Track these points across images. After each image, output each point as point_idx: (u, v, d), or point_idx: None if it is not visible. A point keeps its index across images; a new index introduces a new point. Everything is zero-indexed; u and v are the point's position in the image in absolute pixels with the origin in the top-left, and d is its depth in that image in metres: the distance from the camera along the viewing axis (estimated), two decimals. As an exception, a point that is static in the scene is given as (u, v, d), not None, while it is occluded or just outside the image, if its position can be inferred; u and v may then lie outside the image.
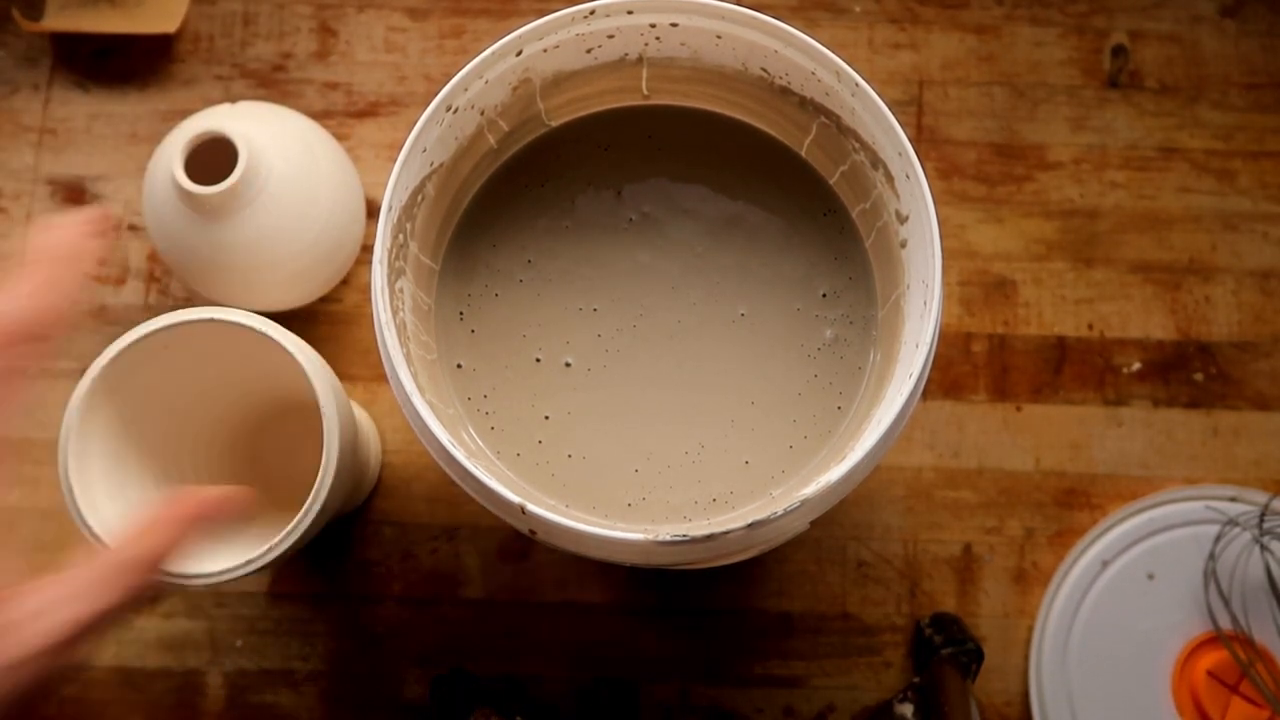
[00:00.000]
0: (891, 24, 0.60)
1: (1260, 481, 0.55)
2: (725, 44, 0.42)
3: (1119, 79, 0.60)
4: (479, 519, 0.54)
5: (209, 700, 0.53)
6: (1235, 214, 0.58)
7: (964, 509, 0.55)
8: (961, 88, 0.59)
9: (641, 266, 0.44)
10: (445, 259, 0.45)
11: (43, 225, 0.31)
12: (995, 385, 0.56)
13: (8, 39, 0.60)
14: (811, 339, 0.44)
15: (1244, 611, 0.52)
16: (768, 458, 0.43)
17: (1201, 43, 0.60)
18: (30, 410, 0.54)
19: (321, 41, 0.60)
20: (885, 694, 0.53)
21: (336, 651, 0.53)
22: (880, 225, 0.43)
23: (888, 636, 0.53)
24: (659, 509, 0.43)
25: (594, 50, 0.43)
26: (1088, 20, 0.60)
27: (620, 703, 0.52)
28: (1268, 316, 0.57)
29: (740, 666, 0.53)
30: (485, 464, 0.42)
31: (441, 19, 0.60)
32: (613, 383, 0.43)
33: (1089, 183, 0.58)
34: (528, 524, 0.37)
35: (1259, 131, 0.59)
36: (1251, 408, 0.56)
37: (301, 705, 0.53)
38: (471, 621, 0.53)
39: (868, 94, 0.40)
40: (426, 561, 0.54)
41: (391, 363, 0.38)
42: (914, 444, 0.55)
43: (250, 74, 0.60)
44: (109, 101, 0.60)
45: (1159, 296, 0.57)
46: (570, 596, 0.54)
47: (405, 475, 0.55)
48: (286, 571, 0.54)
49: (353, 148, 0.58)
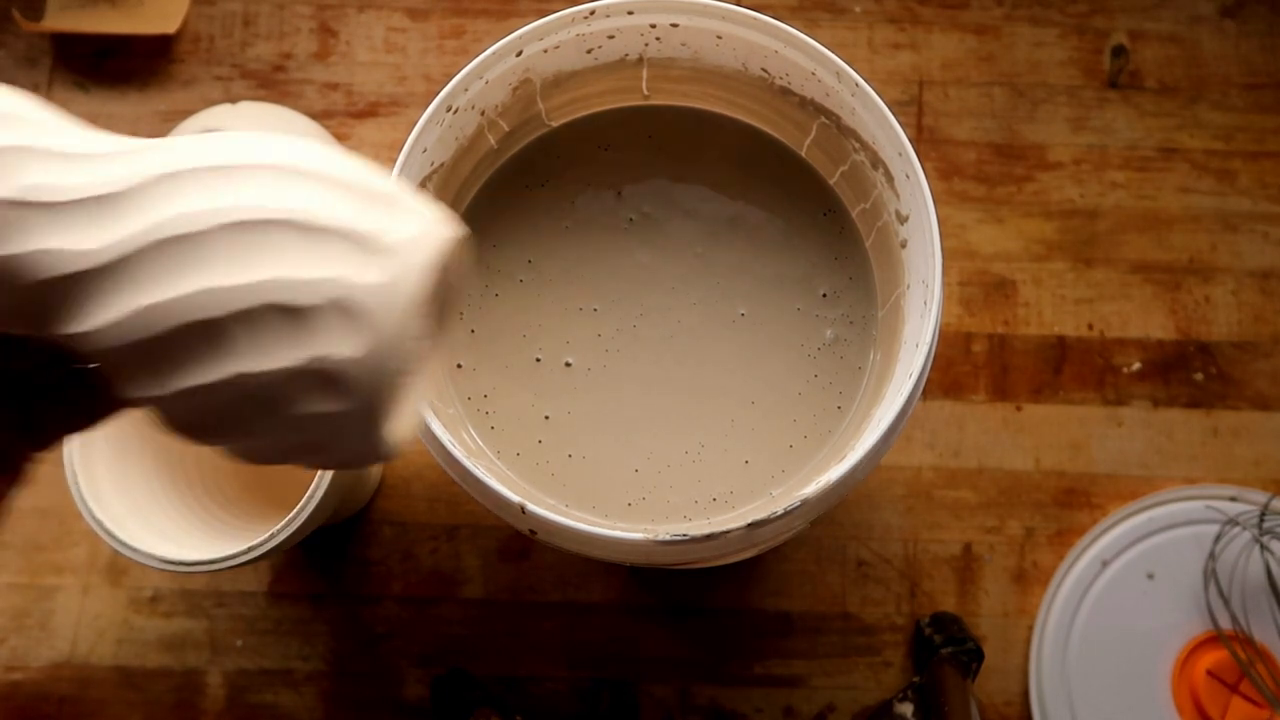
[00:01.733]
0: (891, 24, 0.60)
1: (1260, 481, 0.55)
2: (725, 44, 0.42)
3: (1119, 79, 0.60)
4: (479, 519, 0.54)
5: (209, 700, 0.53)
6: (1235, 214, 0.58)
7: (964, 509, 0.55)
8: (961, 88, 0.59)
9: (641, 266, 0.44)
10: (445, 259, 0.45)
11: None
12: (995, 385, 0.56)
13: (8, 39, 0.60)
14: (811, 339, 0.44)
15: (1244, 611, 0.52)
16: (768, 457, 0.43)
17: (1201, 43, 0.60)
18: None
19: (321, 42, 0.60)
20: (885, 694, 0.53)
21: (336, 651, 0.53)
22: (880, 225, 0.43)
23: (888, 636, 0.53)
24: (659, 509, 0.43)
25: (594, 50, 0.43)
26: (1088, 20, 0.60)
27: (620, 703, 0.52)
28: (1268, 316, 0.57)
29: (740, 666, 0.53)
30: (485, 464, 0.42)
31: (441, 19, 0.60)
32: (613, 383, 0.43)
33: (1089, 183, 0.58)
34: (528, 524, 0.37)
35: (1259, 131, 0.59)
36: (1251, 408, 0.56)
37: (301, 705, 0.53)
38: (471, 621, 0.53)
39: (868, 94, 0.40)
40: (426, 561, 0.54)
41: (391, 363, 0.38)
42: (914, 444, 0.55)
43: (250, 74, 0.60)
44: (109, 101, 0.60)
45: (1159, 296, 0.57)
46: (570, 596, 0.54)
47: (405, 475, 0.55)
48: (286, 571, 0.54)
49: (353, 148, 0.58)
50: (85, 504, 0.42)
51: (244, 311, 0.22)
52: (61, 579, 0.53)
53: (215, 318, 0.23)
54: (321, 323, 0.23)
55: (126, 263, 0.23)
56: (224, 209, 0.23)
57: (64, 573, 0.54)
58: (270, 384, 0.23)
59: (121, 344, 0.23)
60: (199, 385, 0.23)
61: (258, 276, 0.23)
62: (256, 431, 0.24)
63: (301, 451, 0.25)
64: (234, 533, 0.47)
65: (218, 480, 0.51)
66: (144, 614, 0.53)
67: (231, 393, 0.23)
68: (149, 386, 0.24)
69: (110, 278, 0.23)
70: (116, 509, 0.43)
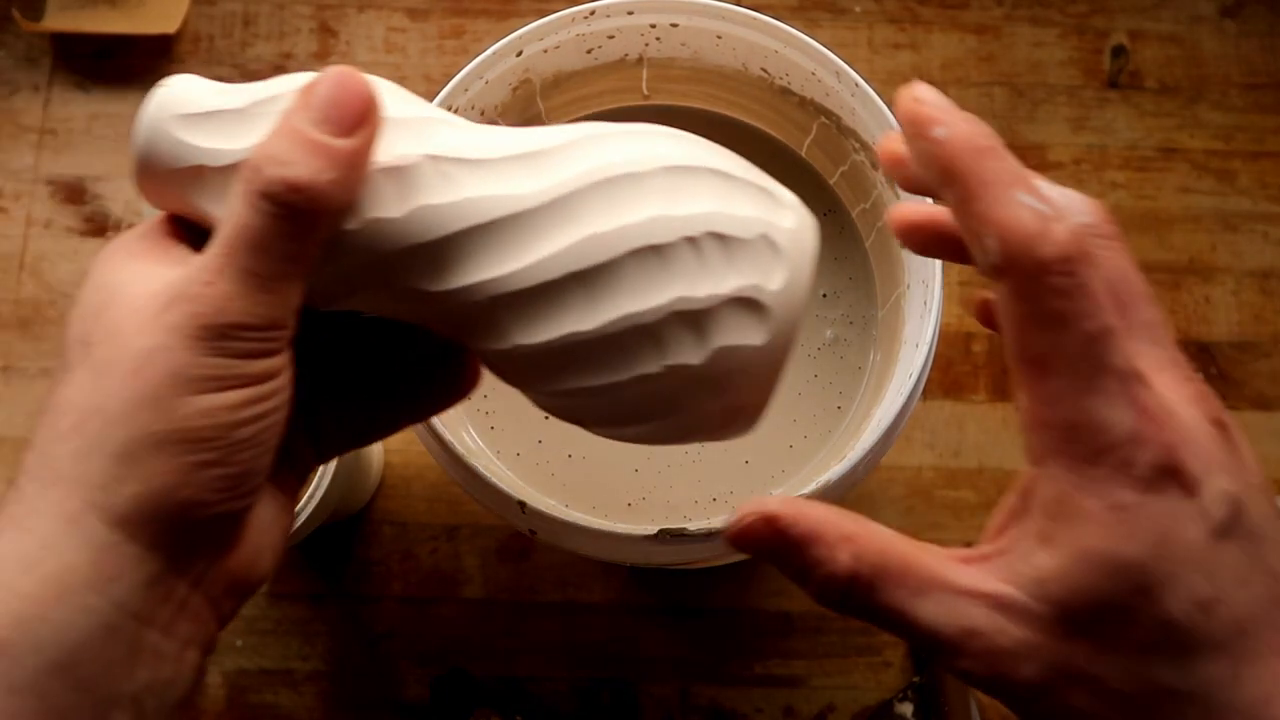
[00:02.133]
0: (891, 24, 0.60)
1: (1260, 481, 0.55)
2: (725, 44, 0.42)
3: (1119, 79, 0.60)
4: (479, 519, 0.54)
5: (209, 700, 0.53)
6: (1235, 214, 0.58)
7: (964, 509, 0.55)
8: (961, 88, 0.59)
9: (641, 266, 0.44)
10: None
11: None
12: (995, 385, 0.56)
13: (8, 39, 0.60)
14: (811, 339, 0.44)
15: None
16: (768, 458, 0.43)
17: (1201, 43, 0.60)
18: (31, 410, 0.54)
19: (321, 42, 0.60)
20: (885, 694, 0.53)
21: (336, 651, 0.53)
22: (880, 225, 0.43)
23: (888, 636, 0.53)
24: (659, 508, 0.43)
25: (594, 50, 0.43)
26: (1088, 20, 0.60)
27: (620, 703, 0.52)
28: (1268, 316, 0.57)
29: (740, 666, 0.53)
30: (485, 464, 0.42)
31: (441, 19, 0.60)
32: (613, 383, 0.43)
33: (1089, 183, 0.58)
34: (528, 523, 0.37)
35: (1259, 131, 0.59)
36: (1251, 408, 0.56)
37: (301, 705, 0.53)
38: (471, 621, 0.53)
39: (868, 94, 0.40)
40: (426, 561, 0.54)
41: (392, 362, 0.38)
42: (914, 444, 0.55)
43: (250, 74, 0.60)
44: (109, 101, 0.60)
45: (1159, 296, 0.56)
46: (570, 596, 0.53)
47: (405, 475, 0.55)
48: (286, 571, 0.54)
49: (353, 148, 0.58)
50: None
51: (691, 238, 0.24)
52: (61, 579, 0.53)
53: (666, 243, 0.24)
54: (753, 254, 0.25)
55: (565, 201, 0.25)
56: (660, 154, 0.25)
57: (64, 573, 0.53)
58: (705, 309, 0.25)
59: (549, 279, 0.25)
60: (636, 312, 0.25)
61: (702, 209, 0.25)
62: (670, 386, 0.25)
63: (700, 416, 0.26)
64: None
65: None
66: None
67: (667, 318, 0.25)
68: (577, 321, 0.25)
69: (546, 216, 0.25)
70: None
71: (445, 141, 0.26)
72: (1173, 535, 0.22)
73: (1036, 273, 0.22)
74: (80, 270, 0.57)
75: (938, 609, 0.23)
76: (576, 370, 0.25)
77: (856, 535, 0.24)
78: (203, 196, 0.25)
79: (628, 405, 0.26)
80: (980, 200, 0.22)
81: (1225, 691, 0.22)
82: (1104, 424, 0.22)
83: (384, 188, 0.25)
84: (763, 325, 0.25)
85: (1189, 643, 0.22)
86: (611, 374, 0.25)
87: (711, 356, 0.25)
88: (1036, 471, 0.23)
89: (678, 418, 0.26)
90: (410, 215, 0.25)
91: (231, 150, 0.25)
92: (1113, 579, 0.22)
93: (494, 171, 0.25)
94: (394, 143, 0.25)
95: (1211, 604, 0.22)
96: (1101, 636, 0.22)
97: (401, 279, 0.25)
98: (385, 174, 0.25)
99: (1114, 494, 0.22)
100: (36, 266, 0.57)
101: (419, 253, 0.25)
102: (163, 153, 0.25)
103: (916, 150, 0.24)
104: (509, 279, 0.25)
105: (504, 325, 0.25)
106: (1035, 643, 0.23)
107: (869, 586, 0.23)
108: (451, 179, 0.25)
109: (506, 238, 0.25)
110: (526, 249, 0.25)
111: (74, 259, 0.57)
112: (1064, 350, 0.22)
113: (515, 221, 0.25)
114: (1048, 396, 0.23)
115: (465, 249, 0.25)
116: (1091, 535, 0.22)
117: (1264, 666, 0.22)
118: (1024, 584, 0.23)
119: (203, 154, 0.25)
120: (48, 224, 0.58)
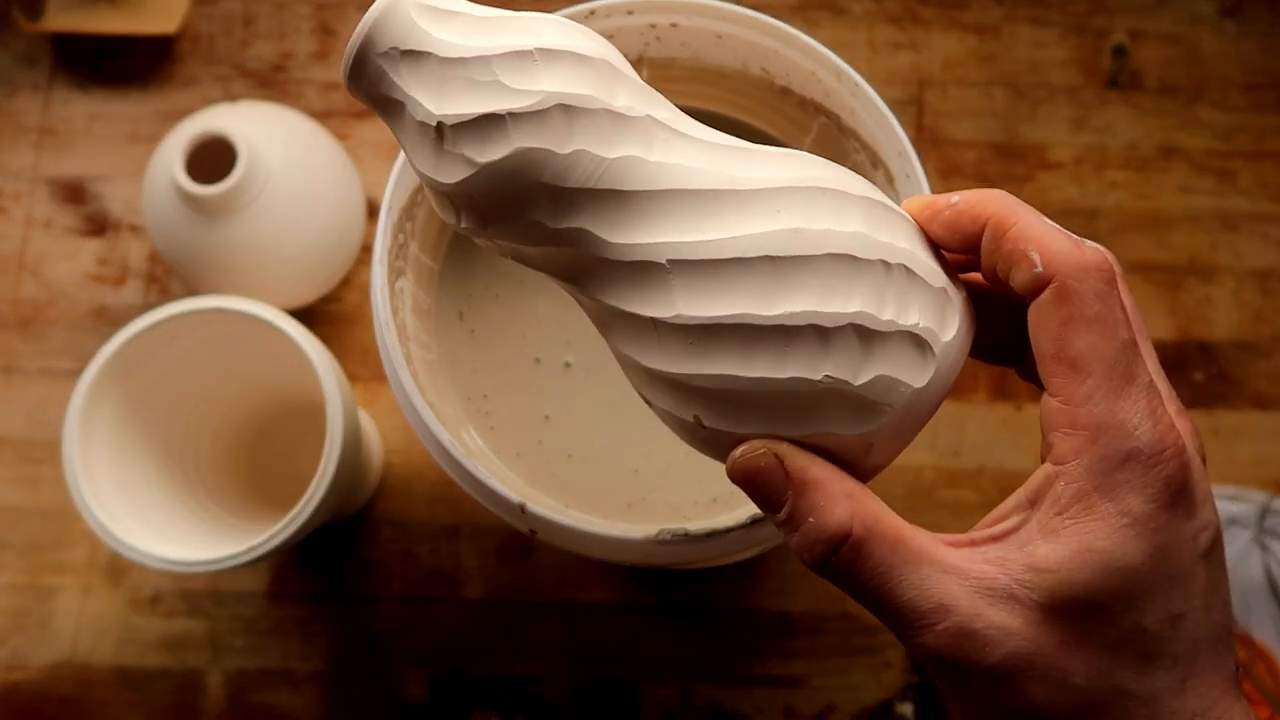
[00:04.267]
0: (891, 24, 0.60)
1: (1260, 481, 0.55)
2: (725, 44, 0.42)
3: (1119, 79, 0.60)
4: (479, 519, 0.54)
5: (209, 700, 0.53)
6: (1235, 214, 0.58)
7: (964, 509, 0.54)
8: (961, 88, 0.59)
9: (642, 266, 0.44)
10: (446, 258, 0.45)
11: None
12: (995, 385, 0.56)
13: (8, 39, 0.60)
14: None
15: (1244, 611, 0.52)
16: (768, 458, 0.43)
17: (1201, 43, 0.60)
18: (30, 410, 0.54)
19: (321, 41, 0.60)
20: (885, 694, 0.53)
21: (336, 651, 0.53)
22: (880, 225, 0.43)
23: (888, 636, 0.53)
24: (659, 509, 0.43)
25: (594, 50, 0.43)
26: (1088, 20, 0.60)
27: (620, 703, 0.52)
28: (1268, 316, 0.57)
29: (740, 666, 0.53)
30: (485, 464, 0.42)
31: (441, 19, 0.60)
32: (613, 383, 0.43)
33: (1089, 183, 0.58)
34: (528, 524, 0.37)
35: (1259, 131, 0.59)
36: (1251, 408, 0.56)
37: (301, 705, 0.53)
38: (471, 621, 0.53)
39: (868, 94, 0.40)
40: (426, 561, 0.54)
41: (391, 362, 0.38)
42: (914, 444, 0.55)
43: (250, 74, 0.60)
44: (109, 101, 0.60)
45: (1159, 296, 0.57)
46: (570, 596, 0.54)
47: (405, 475, 0.55)
48: (286, 571, 0.54)
49: (353, 148, 0.58)
50: (85, 504, 0.42)
51: (887, 263, 0.25)
52: (62, 579, 0.53)
53: (865, 259, 0.25)
54: (934, 301, 0.26)
55: (776, 194, 0.26)
56: (862, 187, 0.27)
57: (64, 573, 0.54)
58: (882, 332, 0.25)
59: (742, 256, 0.25)
60: (818, 311, 0.25)
61: (900, 243, 0.26)
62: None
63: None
64: (234, 533, 0.47)
65: (218, 480, 0.51)
66: (144, 614, 0.53)
67: (845, 328, 0.25)
68: (756, 304, 0.25)
69: (754, 200, 0.26)
70: (116, 509, 0.43)
71: (668, 114, 0.26)
72: (1171, 551, 0.24)
73: (1081, 275, 0.24)
74: (80, 270, 0.57)
75: (918, 580, 0.24)
76: (733, 355, 0.25)
77: (856, 495, 0.25)
78: (413, 82, 0.26)
79: (764, 405, 0.25)
80: (1016, 224, 0.25)
81: (1173, 699, 0.24)
82: (1131, 430, 0.24)
83: (602, 127, 0.25)
84: (926, 369, 0.26)
85: (1153, 651, 0.24)
86: (768, 368, 0.25)
87: (870, 382, 0.25)
88: (1055, 470, 0.24)
89: (802, 433, 0.26)
90: (616, 161, 0.25)
91: (463, 46, 0.25)
92: (1109, 579, 0.23)
93: (707, 150, 0.26)
94: (622, 95, 0.26)
95: (1180, 619, 0.24)
96: (1077, 632, 0.24)
97: (577, 218, 0.25)
98: (609, 115, 0.25)
99: (1129, 500, 0.23)
100: (36, 266, 0.57)
101: (609, 199, 0.25)
102: (393, 28, 0.25)
103: (941, 224, 0.26)
104: (698, 246, 0.25)
105: (673, 292, 0.25)
106: (1010, 629, 0.23)
107: (858, 546, 0.24)
108: (667, 143, 0.26)
109: (708, 208, 0.25)
110: (725, 223, 0.25)
111: (74, 259, 0.57)
112: (1101, 353, 0.24)
113: (721, 196, 0.25)
114: (1080, 397, 0.24)
115: (662, 208, 0.25)
116: (1099, 535, 0.23)
117: (1205, 682, 0.24)
118: (1014, 570, 0.24)
119: (433, 42, 0.25)
120: (48, 224, 0.58)
